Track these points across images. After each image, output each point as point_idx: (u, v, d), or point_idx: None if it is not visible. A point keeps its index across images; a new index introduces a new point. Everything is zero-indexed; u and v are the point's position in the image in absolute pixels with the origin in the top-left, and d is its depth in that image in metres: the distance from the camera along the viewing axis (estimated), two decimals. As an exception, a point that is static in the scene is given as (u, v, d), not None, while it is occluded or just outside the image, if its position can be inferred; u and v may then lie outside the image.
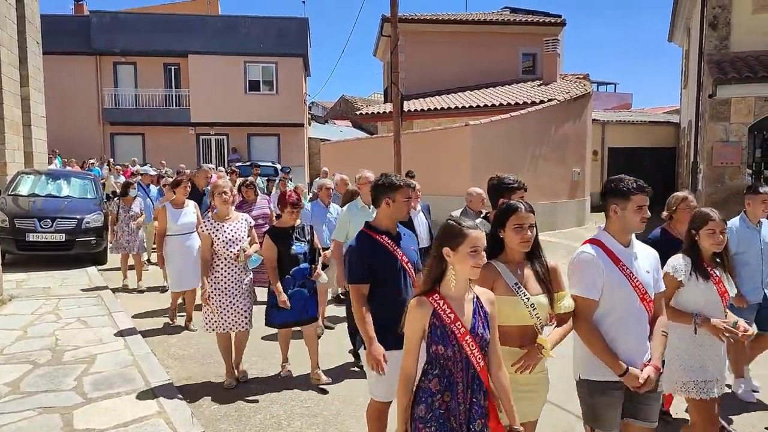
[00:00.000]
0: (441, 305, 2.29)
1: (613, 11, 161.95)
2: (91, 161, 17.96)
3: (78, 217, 9.56)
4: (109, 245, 9.43)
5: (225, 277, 4.69)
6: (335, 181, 7.32)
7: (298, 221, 4.76)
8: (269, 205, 7.55)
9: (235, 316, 4.72)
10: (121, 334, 5.95)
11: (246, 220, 4.91)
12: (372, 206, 4.50)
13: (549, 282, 2.66)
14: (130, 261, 8.50)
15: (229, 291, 4.71)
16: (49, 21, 18.32)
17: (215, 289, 4.67)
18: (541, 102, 15.30)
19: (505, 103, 16.30)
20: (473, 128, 13.18)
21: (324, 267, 5.38)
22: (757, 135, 10.97)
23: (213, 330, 4.72)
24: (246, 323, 4.79)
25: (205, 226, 4.72)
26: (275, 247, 4.54)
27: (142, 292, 8.07)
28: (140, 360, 5.17)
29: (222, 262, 4.69)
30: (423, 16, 20.69)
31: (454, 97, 18.33)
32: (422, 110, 17.45)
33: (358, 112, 22.30)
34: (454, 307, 2.30)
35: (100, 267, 9.72)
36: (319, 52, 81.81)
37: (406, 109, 15.29)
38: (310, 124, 29.57)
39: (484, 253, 2.28)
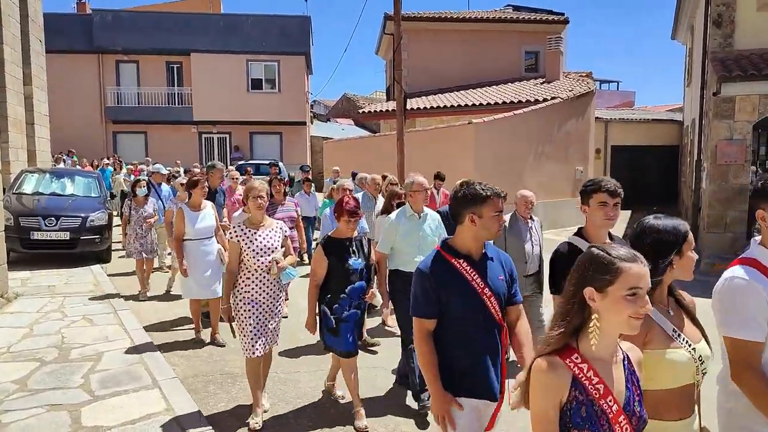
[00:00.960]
0: (585, 371, 1.59)
1: (616, 9, 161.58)
2: (106, 162, 17.65)
3: (82, 215, 9.57)
4: (122, 249, 8.82)
5: (256, 292, 4.06)
6: (366, 181, 6.76)
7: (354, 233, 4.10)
8: (296, 208, 6.91)
9: (268, 338, 4.13)
10: (127, 331, 5.96)
11: (281, 228, 4.27)
12: (421, 214, 4.47)
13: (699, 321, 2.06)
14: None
15: (261, 309, 4.07)
16: (52, 19, 18.37)
17: (243, 306, 4.04)
18: (544, 100, 15.29)
19: (508, 101, 16.29)
20: (476, 126, 13.18)
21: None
22: (762, 133, 10.93)
23: (252, 355, 4.01)
24: (275, 341, 4.25)
25: (235, 232, 4.08)
26: (326, 261, 3.90)
27: (142, 300, 7.51)
28: (147, 357, 5.18)
29: (252, 275, 4.06)
30: (426, 14, 20.68)
31: (456, 96, 18.32)
32: (425, 108, 17.44)
33: (360, 111, 22.30)
34: (601, 373, 1.61)
35: (104, 265, 9.72)
36: (321, 51, 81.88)
37: (408, 107, 15.28)
38: (312, 123, 29.58)
39: (647, 298, 1.59)
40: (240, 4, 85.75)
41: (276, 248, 4.14)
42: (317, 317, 4.00)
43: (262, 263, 4.05)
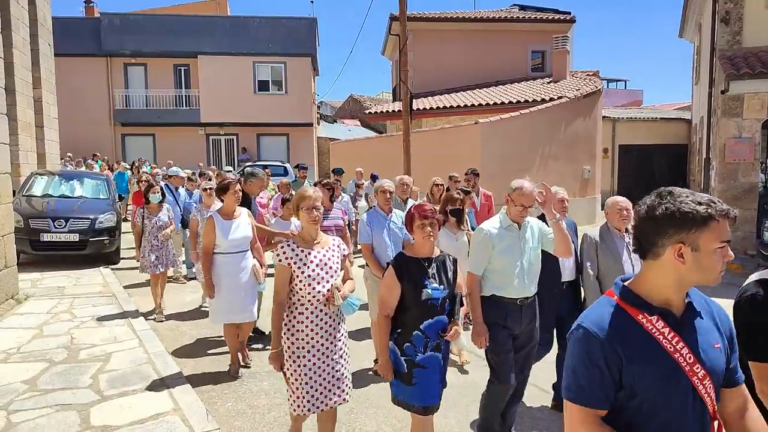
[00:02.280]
0: None
1: (623, 7, 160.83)
2: (125, 165, 17.40)
3: (91, 217, 9.65)
4: (136, 262, 7.99)
5: (312, 330, 3.17)
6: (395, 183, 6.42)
7: (435, 250, 3.19)
8: (344, 216, 6.04)
9: (327, 392, 3.21)
10: (135, 332, 6.00)
11: (339, 246, 3.39)
12: (522, 225, 3.59)
13: None
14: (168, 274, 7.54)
15: (319, 353, 3.18)
16: (61, 23, 18.52)
17: (296, 351, 3.16)
18: (551, 99, 15.25)
19: (514, 100, 16.26)
20: (482, 126, 13.17)
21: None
22: (771, 131, 10.86)
23: (301, 413, 3.20)
24: (342, 397, 3.28)
25: (284, 253, 3.19)
26: (399, 287, 3.04)
27: (161, 320, 6.63)
28: (155, 358, 5.22)
29: (305, 309, 3.18)
30: (431, 14, 20.68)
31: (463, 96, 18.30)
32: (431, 108, 17.44)
33: (366, 111, 22.32)
34: None
35: (112, 266, 9.78)
36: (327, 52, 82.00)
37: (415, 107, 15.31)
38: (319, 124, 29.63)
39: None
40: (246, 6, 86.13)
41: (336, 271, 3.28)
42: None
43: (319, 292, 3.17)
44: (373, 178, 12.12)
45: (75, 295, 7.62)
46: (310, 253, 3.21)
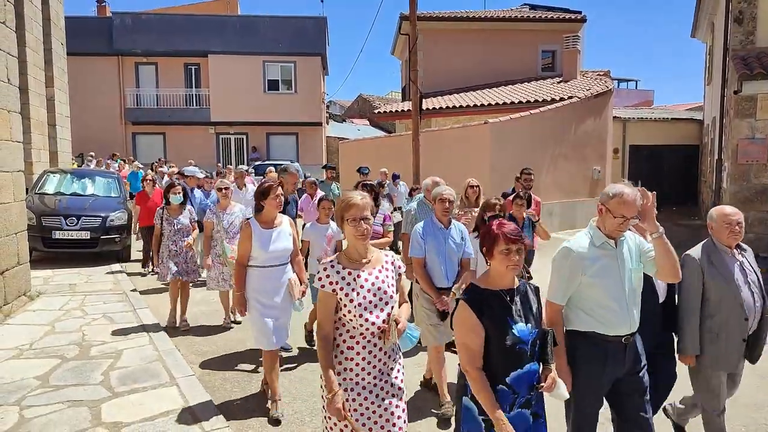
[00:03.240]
0: None
1: (635, 7, 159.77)
2: (138, 165, 17.33)
3: (102, 215, 9.74)
4: (154, 269, 8.25)
5: (362, 369, 2.58)
6: (427, 186, 5.56)
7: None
8: (386, 222, 5.49)
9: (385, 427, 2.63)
10: (145, 329, 6.05)
11: (394, 263, 2.74)
12: (618, 242, 2.83)
13: None
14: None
15: (373, 394, 2.60)
16: (73, 23, 18.68)
17: (344, 393, 2.53)
18: (561, 99, 15.17)
19: (524, 100, 16.20)
20: (492, 126, 13.12)
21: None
22: (784, 132, 10.74)
23: None
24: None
25: (326, 275, 2.56)
26: (482, 328, 2.40)
27: (186, 331, 6.15)
28: (165, 355, 5.26)
29: (355, 343, 2.58)
30: (441, 13, 20.65)
31: (472, 95, 18.26)
32: (441, 108, 17.41)
33: (376, 111, 22.33)
34: None
35: (123, 264, 9.86)
36: (337, 51, 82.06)
37: (424, 107, 15.30)
38: (328, 123, 29.70)
39: None
40: (256, 5, 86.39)
41: (392, 297, 2.63)
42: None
43: (373, 324, 2.55)
44: (395, 178, 11.95)
45: (86, 293, 7.69)
46: (359, 276, 2.57)
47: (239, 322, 6.32)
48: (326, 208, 5.42)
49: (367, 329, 2.55)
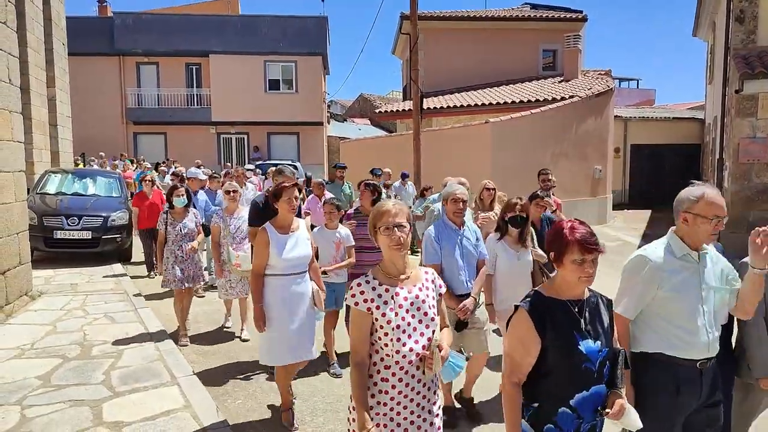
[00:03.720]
0: None
1: (636, 6, 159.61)
2: (147, 165, 17.17)
3: (104, 215, 9.75)
4: (156, 274, 8.10)
5: (398, 403, 2.26)
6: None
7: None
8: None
9: None
10: (146, 329, 6.06)
11: (434, 281, 2.40)
12: (701, 256, 2.53)
13: None
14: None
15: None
16: (74, 22, 18.69)
17: (376, 430, 2.19)
18: (562, 99, 15.17)
19: (525, 100, 16.19)
20: (493, 125, 13.12)
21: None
22: (786, 131, 10.73)
23: None
24: None
25: (362, 293, 2.26)
26: (540, 343, 2.12)
27: (185, 345, 5.76)
28: (166, 355, 5.26)
29: (391, 374, 2.25)
30: (442, 13, 20.64)
31: (473, 95, 18.26)
32: (441, 108, 17.42)
33: (377, 110, 22.33)
34: None
35: (125, 264, 9.87)
36: (338, 51, 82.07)
37: (425, 106, 15.30)
38: (329, 123, 29.69)
39: None
40: (257, 5, 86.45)
41: (433, 319, 2.31)
42: None
43: (412, 350, 2.22)
44: (404, 177, 11.70)
45: (88, 292, 7.70)
46: (397, 294, 2.25)
47: (247, 340, 5.85)
48: (329, 212, 5.06)
49: (405, 356, 2.21)
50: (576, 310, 2.15)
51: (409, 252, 2.34)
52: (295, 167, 19.35)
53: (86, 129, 21.40)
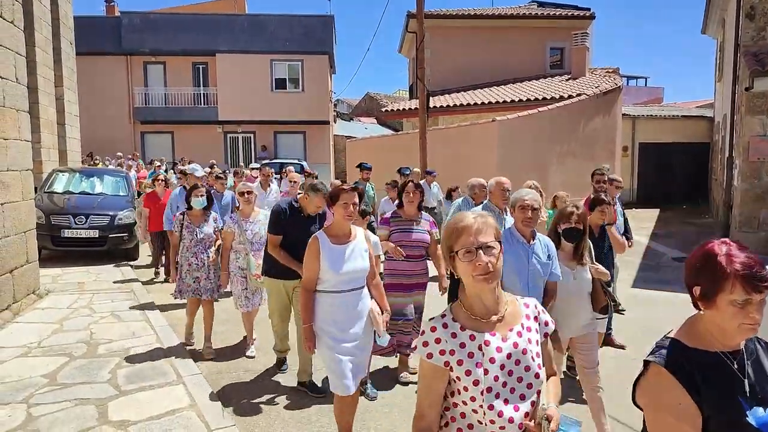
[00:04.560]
0: None
1: (644, 3, 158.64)
2: (158, 164, 16.80)
3: (111, 213, 9.78)
4: (167, 280, 7.62)
5: None
6: (490, 188, 4.97)
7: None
8: (432, 229, 4.72)
9: None
10: (153, 328, 6.06)
11: (537, 316, 1.83)
12: None
13: None
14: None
15: None
16: (82, 22, 18.77)
17: None
18: (570, 97, 15.07)
19: (532, 98, 16.10)
20: (500, 124, 13.05)
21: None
22: (796, 129, 10.60)
23: None
24: None
25: (437, 342, 1.68)
26: (694, 413, 1.49)
27: (211, 358, 5.27)
28: (172, 354, 5.26)
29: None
30: (449, 11, 20.56)
31: (480, 93, 18.18)
32: (448, 106, 17.35)
33: (383, 109, 22.30)
34: None
35: (132, 263, 9.89)
36: (344, 50, 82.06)
37: (431, 105, 15.25)
38: (335, 122, 29.69)
39: None
40: (264, 4, 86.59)
41: (538, 377, 1.71)
42: None
43: (510, 421, 1.63)
44: (428, 173, 10.67)
45: (94, 291, 7.73)
46: (488, 343, 1.65)
47: (252, 357, 5.35)
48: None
49: (502, 428, 1.61)
50: (736, 366, 1.53)
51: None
52: (301, 166, 19.42)
53: (94, 128, 21.50)
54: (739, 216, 10.36)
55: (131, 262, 9.88)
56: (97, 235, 9.61)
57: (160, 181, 8.80)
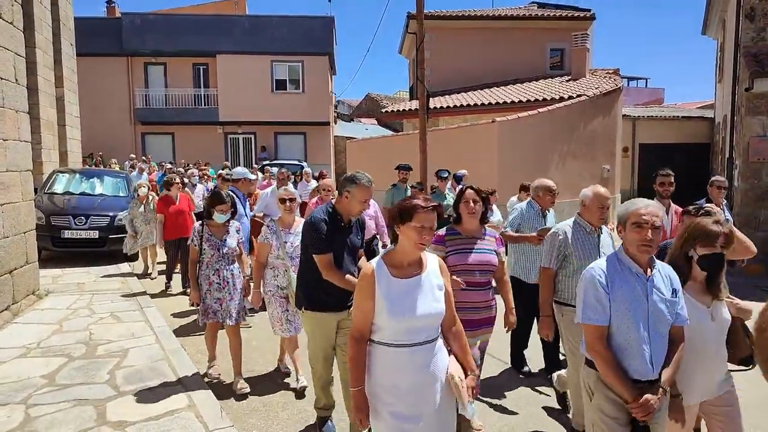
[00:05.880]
0: None
1: (644, 4, 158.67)
2: (168, 166, 16.78)
3: (111, 214, 9.79)
4: (185, 292, 7.30)
5: None
6: (538, 191, 4.85)
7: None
8: (499, 248, 3.76)
9: None
10: (152, 329, 6.06)
11: None
12: None
13: None
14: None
15: None
16: (83, 23, 18.79)
17: None
18: (570, 98, 15.07)
19: (532, 99, 16.10)
20: (500, 125, 13.04)
21: None
22: (797, 129, 10.60)
23: None
24: None
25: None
26: None
27: (244, 396, 4.51)
28: (171, 354, 5.26)
29: None
30: (449, 12, 20.58)
31: (480, 94, 18.18)
32: (448, 107, 17.35)
33: (383, 110, 22.30)
34: None
35: (131, 263, 9.89)
36: (344, 51, 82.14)
37: (432, 106, 15.23)
38: (336, 123, 29.70)
39: None
40: (265, 5, 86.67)
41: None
42: None
43: None
44: (457, 179, 9.52)
45: (94, 292, 7.73)
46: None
47: (304, 389, 4.55)
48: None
49: None
50: None
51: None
52: (302, 167, 19.43)
53: (94, 129, 21.53)
54: (738, 217, 10.35)
55: (135, 271, 9.87)
56: (97, 236, 9.62)
57: (177, 184, 8.19)
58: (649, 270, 2.49)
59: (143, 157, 19.27)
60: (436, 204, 2.48)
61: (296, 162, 21.34)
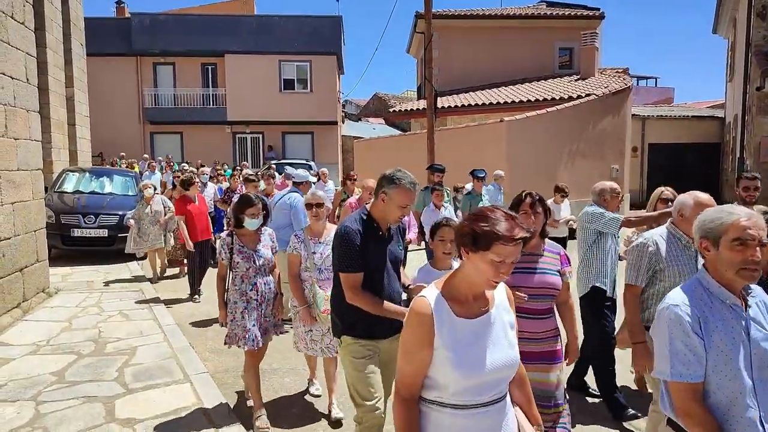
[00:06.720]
0: None
1: (654, 3, 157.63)
2: (185, 166, 16.76)
3: (120, 213, 9.86)
4: (198, 299, 7.28)
5: None
6: (605, 194, 4.51)
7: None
8: (565, 267, 3.01)
9: None
10: (160, 327, 6.09)
11: None
12: None
13: None
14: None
15: None
16: (93, 23, 18.93)
17: None
18: (579, 97, 15.01)
19: (541, 98, 16.05)
20: (509, 124, 13.01)
21: None
22: (809, 129, 10.49)
23: None
24: None
25: None
26: None
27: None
28: (179, 352, 5.28)
29: None
30: (457, 11, 20.55)
31: (488, 93, 18.14)
32: (456, 106, 17.32)
33: (391, 110, 22.32)
34: None
35: (140, 262, 9.95)
36: (352, 50, 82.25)
37: (440, 105, 15.22)
38: (343, 122, 29.73)
39: None
40: (272, 5, 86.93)
41: None
42: None
43: None
44: (479, 178, 8.59)
45: (103, 290, 7.78)
46: None
47: (340, 419, 4.01)
48: (442, 240, 3.27)
49: None
50: None
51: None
52: (309, 167, 19.46)
53: (104, 128, 21.66)
54: (750, 217, 10.26)
55: (144, 270, 9.92)
56: (106, 234, 9.69)
57: (197, 183, 7.83)
58: (746, 302, 1.92)
59: (160, 159, 19.29)
60: (528, 233, 1.76)
61: (304, 161, 21.38)
